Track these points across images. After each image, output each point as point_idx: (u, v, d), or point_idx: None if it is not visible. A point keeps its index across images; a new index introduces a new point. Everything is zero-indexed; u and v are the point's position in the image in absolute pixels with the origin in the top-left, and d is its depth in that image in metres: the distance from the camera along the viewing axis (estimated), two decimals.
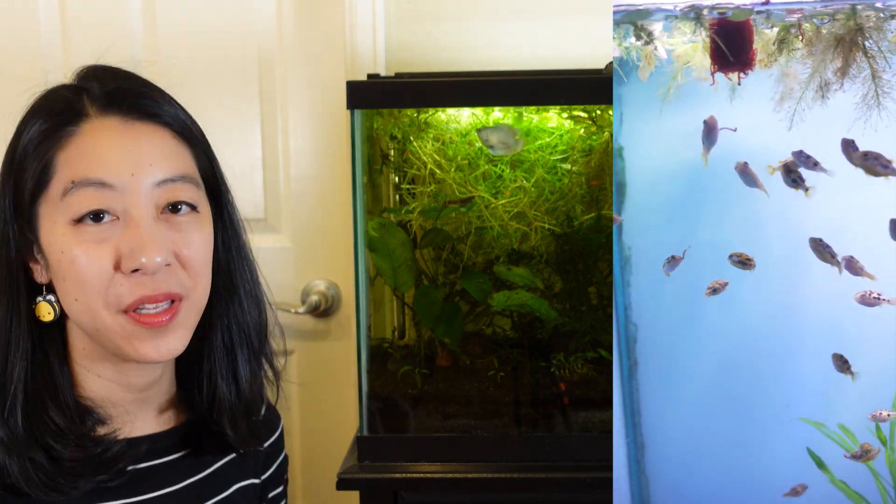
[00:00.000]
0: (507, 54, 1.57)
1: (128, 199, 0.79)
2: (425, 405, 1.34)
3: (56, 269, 0.80)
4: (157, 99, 0.84)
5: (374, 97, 1.28)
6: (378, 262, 1.35)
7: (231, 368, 0.93)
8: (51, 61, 1.64)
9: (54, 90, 0.84)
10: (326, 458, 1.64)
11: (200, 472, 0.92)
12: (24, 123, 0.82)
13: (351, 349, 1.67)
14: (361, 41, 1.58)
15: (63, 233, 0.79)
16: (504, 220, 1.36)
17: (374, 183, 1.43)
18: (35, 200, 0.80)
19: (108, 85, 0.82)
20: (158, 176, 0.80)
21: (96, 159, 0.79)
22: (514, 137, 1.29)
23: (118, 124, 0.81)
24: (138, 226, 0.79)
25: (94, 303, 0.79)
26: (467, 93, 1.26)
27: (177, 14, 1.63)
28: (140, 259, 0.78)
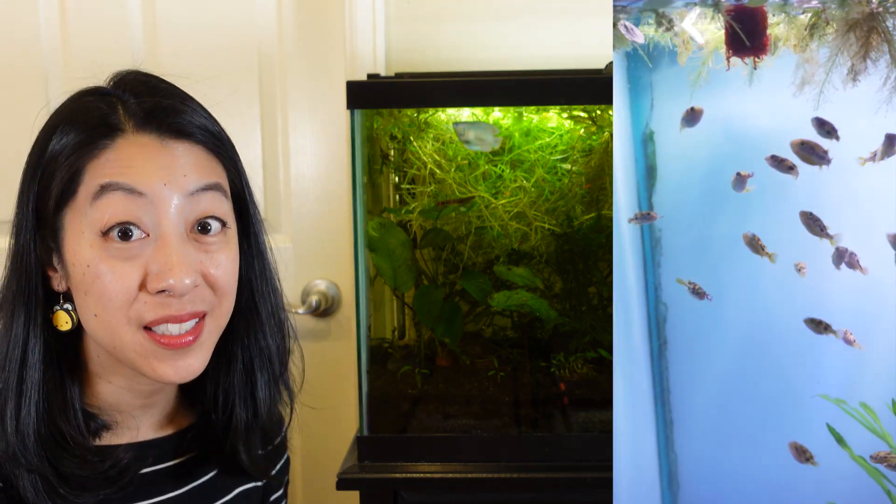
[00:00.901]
0: (507, 54, 1.57)
1: (159, 212, 0.77)
2: (425, 405, 1.34)
3: (78, 282, 0.78)
4: (193, 116, 0.82)
5: (374, 97, 1.28)
6: (378, 262, 1.35)
7: (250, 392, 0.91)
8: (51, 61, 1.64)
9: (87, 98, 0.81)
10: (326, 458, 1.64)
11: (202, 477, 0.92)
12: (53, 129, 0.79)
13: (351, 349, 1.67)
14: (361, 41, 1.58)
15: (90, 245, 0.76)
16: (504, 220, 1.36)
17: (374, 183, 1.43)
18: (60, 209, 0.78)
19: (146, 101, 0.80)
20: (191, 186, 0.78)
21: (128, 167, 0.77)
22: (493, 135, 1.29)
23: (153, 141, 0.79)
24: (167, 245, 0.77)
25: (114, 320, 0.77)
26: (467, 93, 1.26)
27: (177, 14, 1.63)
28: (168, 280, 0.76)
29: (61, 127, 0.79)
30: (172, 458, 0.90)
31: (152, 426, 0.90)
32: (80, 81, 0.85)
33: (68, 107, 0.81)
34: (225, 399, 0.91)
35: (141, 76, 0.84)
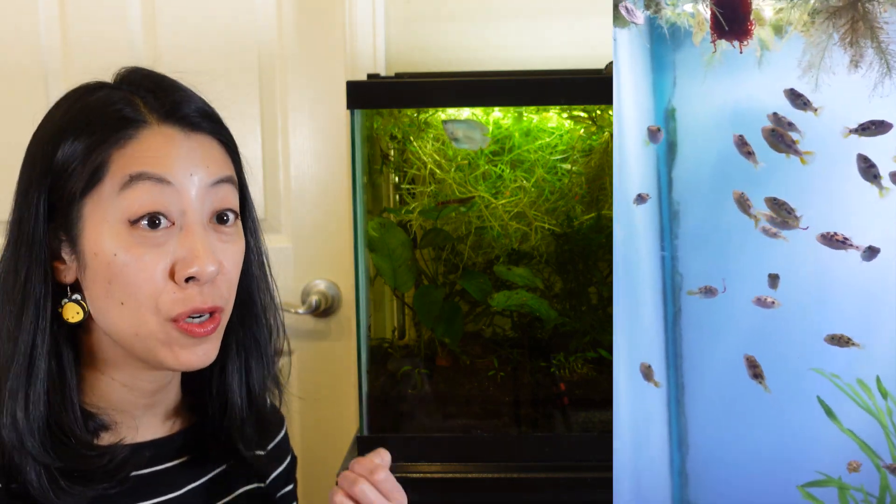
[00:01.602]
0: (507, 54, 1.57)
1: (185, 201, 0.79)
2: (425, 405, 1.34)
3: (101, 271, 0.78)
4: (210, 113, 0.85)
5: (374, 97, 1.28)
6: (378, 262, 1.36)
7: (245, 379, 0.93)
8: (51, 60, 1.64)
9: (100, 93, 0.82)
10: (326, 458, 1.64)
11: (202, 478, 0.92)
12: (66, 123, 0.80)
13: (351, 349, 1.67)
14: (361, 41, 1.58)
15: (117, 233, 0.77)
16: (504, 220, 1.36)
17: (374, 183, 1.43)
18: (79, 200, 0.78)
19: (166, 100, 0.82)
20: (212, 177, 0.81)
21: (156, 157, 0.78)
22: (482, 133, 1.29)
23: (178, 133, 0.81)
24: (193, 233, 0.79)
25: (143, 307, 0.78)
26: (467, 93, 1.26)
27: (177, 13, 1.63)
28: (195, 267, 0.78)
29: (76, 121, 0.80)
30: (173, 459, 0.90)
31: (152, 427, 0.89)
32: (80, 81, 0.85)
33: (80, 101, 0.82)
34: (221, 387, 0.92)
35: (148, 72, 0.86)
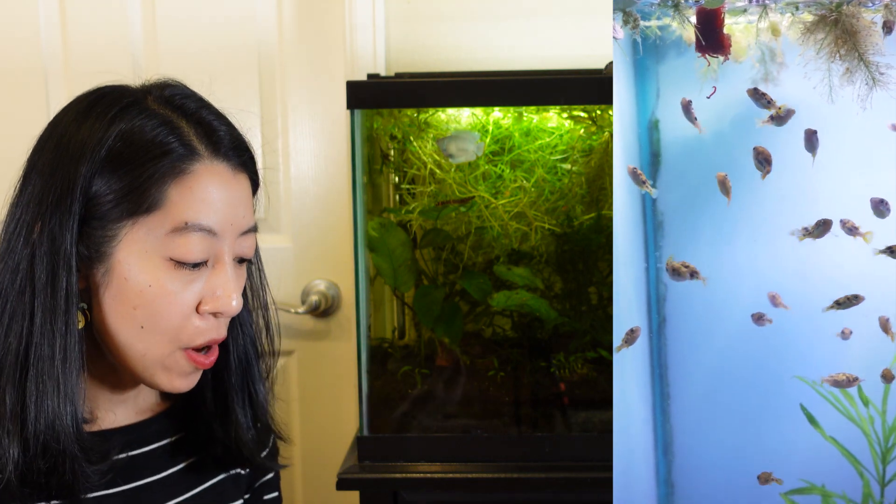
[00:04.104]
0: (507, 54, 1.57)
1: (223, 246, 0.82)
2: (425, 405, 1.34)
3: (128, 295, 0.80)
4: (244, 144, 0.87)
5: (374, 97, 1.28)
6: (378, 262, 1.35)
7: (245, 388, 0.95)
8: (51, 60, 1.64)
9: (144, 113, 0.81)
10: (326, 458, 1.65)
11: (183, 462, 0.93)
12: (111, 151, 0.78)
13: (351, 349, 1.67)
14: (361, 41, 1.58)
15: (155, 266, 0.79)
16: (504, 220, 1.36)
17: (374, 183, 1.43)
18: (121, 219, 0.78)
19: (212, 133, 0.83)
20: (245, 227, 0.85)
21: (210, 206, 0.80)
22: (475, 143, 1.30)
23: (226, 171, 0.83)
24: (225, 273, 0.82)
25: (163, 335, 0.81)
26: (467, 93, 1.26)
27: (177, 13, 1.63)
28: (228, 304, 0.82)
29: (119, 148, 0.79)
30: (150, 443, 0.91)
31: (128, 413, 0.91)
32: (80, 81, 0.84)
33: (122, 119, 0.80)
34: (220, 398, 0.93)
35: (187, 91, 0.86)
